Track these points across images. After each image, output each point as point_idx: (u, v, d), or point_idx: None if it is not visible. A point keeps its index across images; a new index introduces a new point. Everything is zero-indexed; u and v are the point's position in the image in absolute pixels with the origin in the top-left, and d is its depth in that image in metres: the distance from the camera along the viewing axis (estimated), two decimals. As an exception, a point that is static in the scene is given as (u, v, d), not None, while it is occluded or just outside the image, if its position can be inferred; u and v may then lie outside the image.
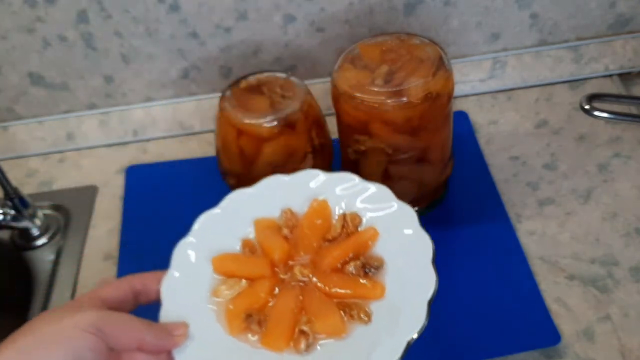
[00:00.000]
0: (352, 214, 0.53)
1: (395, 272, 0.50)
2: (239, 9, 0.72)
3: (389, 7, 0.73)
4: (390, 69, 0.57)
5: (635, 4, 0.76)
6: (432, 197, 0.66)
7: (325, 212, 0.54)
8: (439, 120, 0.58)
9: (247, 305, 0.49)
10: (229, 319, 0.49)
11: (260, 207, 0.55)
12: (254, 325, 0.48)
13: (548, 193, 0.68)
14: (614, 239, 0.63)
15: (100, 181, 0.76)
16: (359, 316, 0.48)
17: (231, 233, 0.54)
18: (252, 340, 0.48)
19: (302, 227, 0.53)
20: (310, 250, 0.52)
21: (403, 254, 0.50)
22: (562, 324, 0.57)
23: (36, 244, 0.69)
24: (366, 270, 0.50)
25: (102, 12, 0.71)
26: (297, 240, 0.53)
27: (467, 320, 0.57)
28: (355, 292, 0.49)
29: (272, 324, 0.48)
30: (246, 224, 0.54)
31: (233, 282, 0.51)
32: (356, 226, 0.53)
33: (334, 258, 0.51)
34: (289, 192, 0.55)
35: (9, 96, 0.77)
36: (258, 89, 0.62)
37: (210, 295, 0.50)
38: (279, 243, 0.52)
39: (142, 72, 0.77)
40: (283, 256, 0.51)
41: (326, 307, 0.48)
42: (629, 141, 0.71)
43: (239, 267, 0.52)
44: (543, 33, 0.78)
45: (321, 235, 0.53)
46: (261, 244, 0.53)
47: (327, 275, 0.51)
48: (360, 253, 0.51)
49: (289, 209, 0.54)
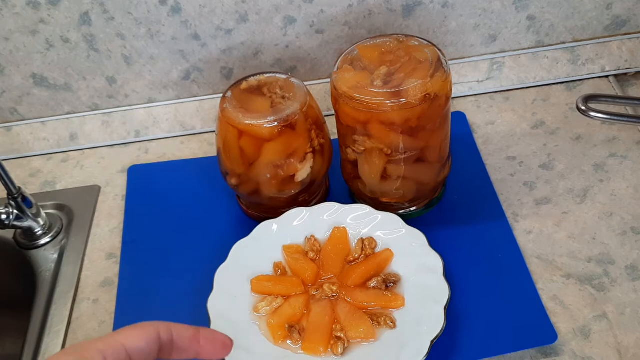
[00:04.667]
0: (369, 239, 0.62)
1: (411, 285, 0.58)
2: (239, 11, 0.72)
3: (388, 9, 0.74)
4: (389, 70, 0.57)
5: (631, 5, 0.76)
6: (430, 197, 0.67)
7: (345, 238, 0.63)
8: (437, 121, 0.58)
9: (287, 318, 0.57)
10: (272, 330, 0.56)
11: (286, 235, 0.63)
12: (295, 334, 0.55)
13: (545, 193, 0.68)
14: (610, 238, 0.63)
15: (102, 181, 0.77)
16: (386, 322, 0.55)
17: (263, 258, 0.61)
18: (293, 347, 0.55)
19: (327, 250, 0.62)
20: (335, 270, 0.61)
21: (416, 269, 0.58)
22: (558, 322, 0.57)
23: (39, 243, 0.70)
24: (387, 284, 0.59)
25: (104, 14, 0.71)
26: (323, 262, 0.61)
27: (464, 318, 0.57)
28: (379, 302, 0.57)
29: (310, 332, 0.56)
30: (275, 250, 0.62)
31: (271, 299, 0.58)
32: (373, 249, 0.62)
33: (359, 275, 0.59)
34: (309, 221, 0.63)
35: (13, 97, 0.78)
36: (259, 89, 0.63)
37: (252, 311, 0.58)
38: (308, 265, 0.61)
39: (144, 74, 0.77)
40: (313, 275, 0.60)
41: (357, 316, 0.56)
42: (625, 141, 0.72)
43: (275, 286, 0.59)
44: (540, 34, 0.79)
45: (343, 258, 0.61)
46: (292, 266, 0.61)
47: (353, 290, 0.59)
48: (379, 271, 0.60)
49: (313, 236, 0.63)
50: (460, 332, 0.57)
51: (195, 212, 0.71)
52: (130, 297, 0.63)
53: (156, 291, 0.64)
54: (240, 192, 0.66)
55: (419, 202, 0.66)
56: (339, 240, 0.62)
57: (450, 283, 0.56)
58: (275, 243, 0.62)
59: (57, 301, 0.64)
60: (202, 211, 0.71)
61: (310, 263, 0.61)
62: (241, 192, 0.66)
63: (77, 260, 0.68)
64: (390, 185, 0.62)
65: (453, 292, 0.58)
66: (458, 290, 0.60)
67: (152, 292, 0.64)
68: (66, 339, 0.61)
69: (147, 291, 0.64)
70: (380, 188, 0.62)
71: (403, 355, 0.52)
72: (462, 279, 0.60)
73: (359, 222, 0.63)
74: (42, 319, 0.62)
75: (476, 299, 0.59)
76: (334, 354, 0.54)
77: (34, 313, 0.63)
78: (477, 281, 0.60)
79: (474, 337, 0.56)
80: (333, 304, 0.58)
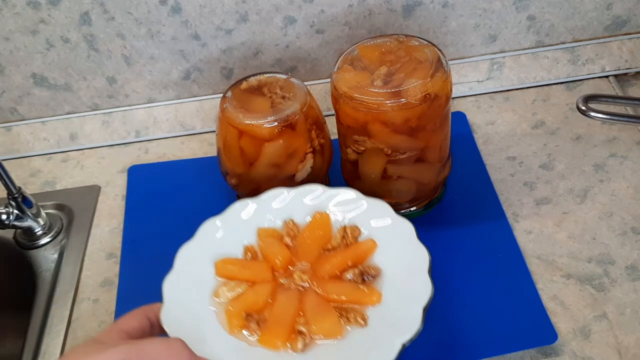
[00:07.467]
0: (352, 227, 0.56)
1: (392, 280, 0.52)
2: (239, 11, 0.72)
3: (388, 9, 0.74)
4: (389, 70, 0.58)
5: (631, 5, 0.76)
6: (430, 197, 0.67)
7: (326, 224, 0.57)
8: (438, 121, 0.58)
9: (247, 306, 0.51)
10: (229, 318, 0.50)
11: (262, 217, 0.57)
12: (252, 324, 0.50)
13: (545, 193, 0.68)
14: (610, 238, 0.63)
15: (102, 181, 0.77)
16: (356, 320, 0.49)
17: (234, 240, 0.56)
18: (249, 339, 0.49)
19: (304, 236, 0.56)
20: (310, 258, 0.55)
21: (400, 264, 0.52)
22: (558, 323, 0.57)
23: (39, 243, 0.70)
24: (364, 277, 0.53)
25: (104, 14, 0.71)
26: (298, 249, 0.56)
27: (464, 318, 0.57)
28: (352, 297, 0.51)
29: (270, 323, 0.50)
30: (249, 232, 0.57)
31: (234, 284, 0.53)
32: (356, 238, 0.56)
33: (333, 265, 0.53)
34: (290, 204, 0.58)
35: (13, 97, 0.78)
36: (259, 89, 0.63)
37: (211, 296, 0.52)
38: (280, 249, 0.55)
39: (144, 74, 0.77)
40: (284, 262, 0.54)
41: (323, 310, 0.50)
42: (625, 141, 0.72)
43: (240, 271, 0.54)
44: (540, 35, 0.79)
45: (321, 245, 0.56)
46: (263, 250, 0.56)
47: (326, 281, 0.53)
48: (358, 262, 0.54)
49: (291, 220, 0.57)
50: (461, 332, 0.57)
51: (195, 212, 0.70)
52: (130, 297, 0.63)
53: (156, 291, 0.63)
54: (240, 192, 0.66)
55: (419, 202, 0.66)
56: (319, 226, 0.57)
57: (447, 282, 0.55)
58: (250, 225, 0.57)
59: (57, 301, 0.64)
60: (202, 211, 0.70)
61: (283, 248, 0.55)
62: (241, 192, 0.66)
63: (77, 260, 0.68)
64: (390, 185, 0.62)
65: (452, 291, 0.58)
66: (458, 290, 0.60)
67: (152, 292, 0.63)
68: (66, 339, 0.61)
69: (147, 291, 0.63)
70: (380, 188, 0.62)
71: (369, 357, 0.46)
72: (462, 279, 0.60)
73: (344, 208, 0.57)
74: (42, 319, 0.62)
75: (476, 298, 0.59)
76: (292, 350, 0.48)
77: (34, 313, 0.63)
78: (477, 281, 0.60)
79: (474, 337, 0.56)
80: (301, 295, 0.52)
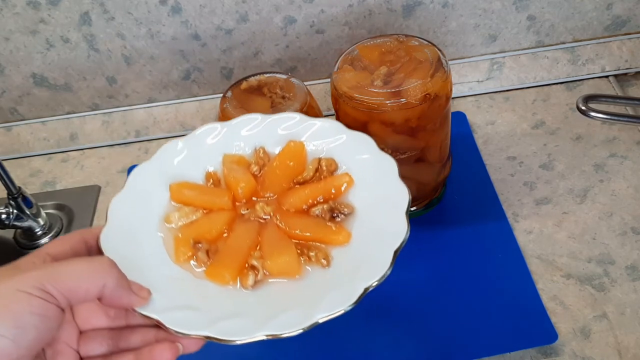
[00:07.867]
0: (329, 159, 0.50)
1: (366, 220, 0.46)
2: (239, 11, 0.72)
3: (388, 9, 0.74)
4: (389, 70, 0.58)
5: (631, 5, 0.76)
6: (430, 197, 0.67)
7: (300, 155, 0.51)
8: (438, 121, 0.58)
9: (198, 234, 0.46)
10: (176, 245, 0.46)
11: (230, 144, 0.52)
12: (202, 254, 0.45)
13: (545, 193, 0.68)
14: (610, 238, 0.63)
15: (102, 181, 0.77)
16: (318, 259, 0.44)
17: (195, 164, 0.51)
18: (196, 271, 0.45)
19: (273, 166, 0.51)
20: (278, 190, 0.50)
21: (377, 203, 0.47)
22: (558, 322, 0.57)
23: (39, 243, 0.70)
24: (334, 215, 0.47)
25: (104, 14, 0.71)
26: (265, 179, 0.50)
27: (464, 318, 0.58)
28: (317, 235, 0.46)
29: (221, 255, 0.45)
30: (214, 158, 0.52)
31: (189, 210, 0.48)
32: (331, 172, 0.50)
33: (300, 198, 0.48)
34: (263, 131, 0.52)
35: (13, 97, 0.78)
36: (259, 89, 0.63)
37: (162, 221, 0.48)
38: (245, 177, 0.49)
39: (144, 74, 0.77)
40: (247, 191, 0.49)
41: (281, 245, 0.45)
42: (625, 141, 0.72)
43: (198, 196, 0.49)
44: (540, 35, 0.79)
45: (292, 177, 0.50)
46: (226, 177, 0.50)
47: (290, 215, 0.48)
48: (330, 198, 0.48)
49: (262, 148, 0.52)
50: (460, 331, 0.57)
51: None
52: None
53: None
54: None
55: (419, 202, 0.66)
56: (292, 155, 0.51)
57: (447, 281, 0.54)
58: (216, 150, 0.52)
59: (57, 301, 0.64)
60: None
61: (248, 176, 0.50)
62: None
63: (77, 260, 0.68)
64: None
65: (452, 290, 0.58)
66: (458, 289, 0.60)
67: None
68: (66, 339, 0.61)
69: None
70: (380, 188, 0.62)
71: (327, 299, 0.40)
72: (462, 279, 0.60)
73: (322, 140, 0.51)
74: (42, 318, 0.62)
75: (476, 298, 0.59)
76: (242, 286, 0.43)
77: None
78: (477, 281, 0.60)
79: (474, 336, 0.56)
80: (261, 228, 0.47)
